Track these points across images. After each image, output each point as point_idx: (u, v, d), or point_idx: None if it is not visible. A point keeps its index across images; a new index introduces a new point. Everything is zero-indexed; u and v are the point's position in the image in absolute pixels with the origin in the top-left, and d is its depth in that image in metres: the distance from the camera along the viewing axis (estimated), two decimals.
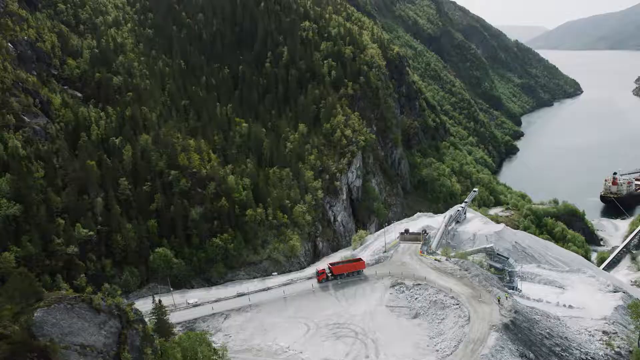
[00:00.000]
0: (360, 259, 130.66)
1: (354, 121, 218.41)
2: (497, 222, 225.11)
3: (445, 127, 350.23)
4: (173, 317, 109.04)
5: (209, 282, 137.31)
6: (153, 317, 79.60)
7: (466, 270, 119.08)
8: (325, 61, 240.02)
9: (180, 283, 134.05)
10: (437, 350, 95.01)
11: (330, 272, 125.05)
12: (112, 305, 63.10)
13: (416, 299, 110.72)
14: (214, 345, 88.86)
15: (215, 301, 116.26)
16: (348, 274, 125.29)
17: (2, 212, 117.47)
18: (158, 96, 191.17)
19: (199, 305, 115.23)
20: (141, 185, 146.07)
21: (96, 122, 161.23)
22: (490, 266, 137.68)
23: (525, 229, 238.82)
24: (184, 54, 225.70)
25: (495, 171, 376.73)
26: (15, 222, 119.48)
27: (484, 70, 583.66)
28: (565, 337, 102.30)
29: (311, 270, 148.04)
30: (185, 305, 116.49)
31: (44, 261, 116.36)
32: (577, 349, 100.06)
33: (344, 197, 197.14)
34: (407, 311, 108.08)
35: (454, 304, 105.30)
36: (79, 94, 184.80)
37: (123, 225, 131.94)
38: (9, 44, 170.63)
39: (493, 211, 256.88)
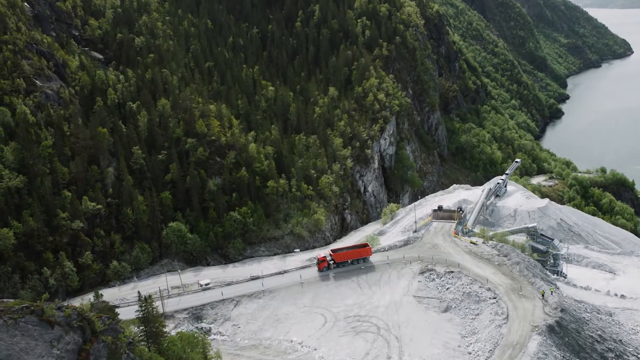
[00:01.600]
0: (366, 245, 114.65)
1: (388, 84, 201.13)
2: (540, 192, 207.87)
3: (487, 90, 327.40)
4: (180, 302, 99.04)
5: (226, 259, 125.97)
6: (140, 312, 67.21)
7: (505, 256, 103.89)
8: (359, 20, 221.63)
9: (195, 260, 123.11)
10: (470, 353, 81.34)
11: (332, 259, 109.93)
12: (72, 315, 51.23)
13: (448, 289, 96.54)
14: (212, 344, 77.28)
15: (228, 285, 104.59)
16: (352, 261, 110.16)
17: (4, 184, 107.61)
18: (181, 58, 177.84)
19: (208, 288, 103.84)
20: (156, 153, 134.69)
21: (113, 86, 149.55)
22: (533, 248, 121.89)
23: (570, 200, 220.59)
24: (211, 13, 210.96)
25: (538, 136, 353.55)
26: (18, 195, 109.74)
27: (529, 30, 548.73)
28: (620, 340, 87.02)
29: (337, 245, 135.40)
30: (195, 288, 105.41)
31: (46, 237, 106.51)
32: (633, 355, 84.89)
33: (376, 165, 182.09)
34: (436, 303, 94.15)
35: (490, 298, 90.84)
36: (100, 56, 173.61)
37: (135, 198, 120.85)
38: (25, 3, 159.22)
39: (535, 180, 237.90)
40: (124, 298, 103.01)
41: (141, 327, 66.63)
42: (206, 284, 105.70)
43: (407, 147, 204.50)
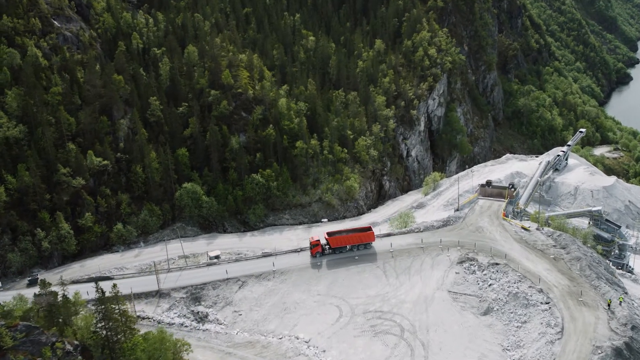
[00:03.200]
0: (369, 228, 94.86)
1: (441, 39, 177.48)
2: (603, 165, 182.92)
3: (550, 50, 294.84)
4: (180, 279, 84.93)
5: (246, 226, 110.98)
6: (98, 309, 52.70)
7: (563, 248, 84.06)
8: None
9: (211, 225, 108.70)
10: None
11: (328, 244, 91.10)
12: None
13: (490, 285, 78.11)
14: (201, 337, 62.45)
15: (235, 261, 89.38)
16: (352, 247, 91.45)
17: (1, 133, 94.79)
18: (217, 2, 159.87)
19: (215, 263, 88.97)
20: (177, 105, 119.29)
21: (139, 30, 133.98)
22: (596, 236, 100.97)
23: (637, 174, 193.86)
24: None
25: (603, 102, 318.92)
26: (18, 147, 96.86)
27: None
28: None
29: (371, 217, 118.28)
30: (203, 260, 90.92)
31: (43, 195, 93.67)
32: None
33: (422, 128, 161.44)
34: (475, 302, 76.09)
35: (542, 302, 72.03)
36: None
37: (147, 154, 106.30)
38: None
39: (598, 151, 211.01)
40: (123, 267, 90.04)
41: (100, 325, 52.16)
42: (215, 257, 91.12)
43: (458, 108, 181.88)
